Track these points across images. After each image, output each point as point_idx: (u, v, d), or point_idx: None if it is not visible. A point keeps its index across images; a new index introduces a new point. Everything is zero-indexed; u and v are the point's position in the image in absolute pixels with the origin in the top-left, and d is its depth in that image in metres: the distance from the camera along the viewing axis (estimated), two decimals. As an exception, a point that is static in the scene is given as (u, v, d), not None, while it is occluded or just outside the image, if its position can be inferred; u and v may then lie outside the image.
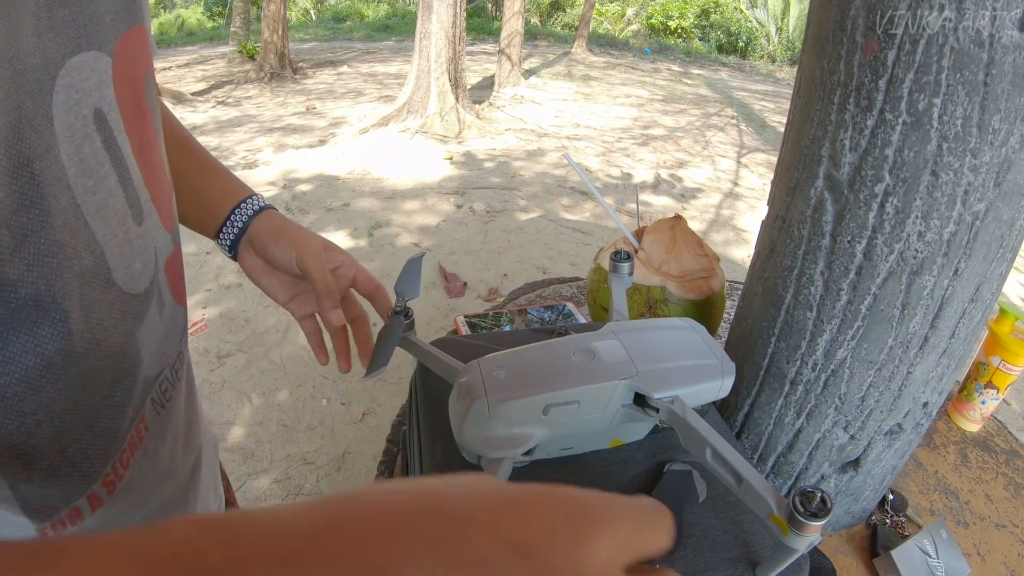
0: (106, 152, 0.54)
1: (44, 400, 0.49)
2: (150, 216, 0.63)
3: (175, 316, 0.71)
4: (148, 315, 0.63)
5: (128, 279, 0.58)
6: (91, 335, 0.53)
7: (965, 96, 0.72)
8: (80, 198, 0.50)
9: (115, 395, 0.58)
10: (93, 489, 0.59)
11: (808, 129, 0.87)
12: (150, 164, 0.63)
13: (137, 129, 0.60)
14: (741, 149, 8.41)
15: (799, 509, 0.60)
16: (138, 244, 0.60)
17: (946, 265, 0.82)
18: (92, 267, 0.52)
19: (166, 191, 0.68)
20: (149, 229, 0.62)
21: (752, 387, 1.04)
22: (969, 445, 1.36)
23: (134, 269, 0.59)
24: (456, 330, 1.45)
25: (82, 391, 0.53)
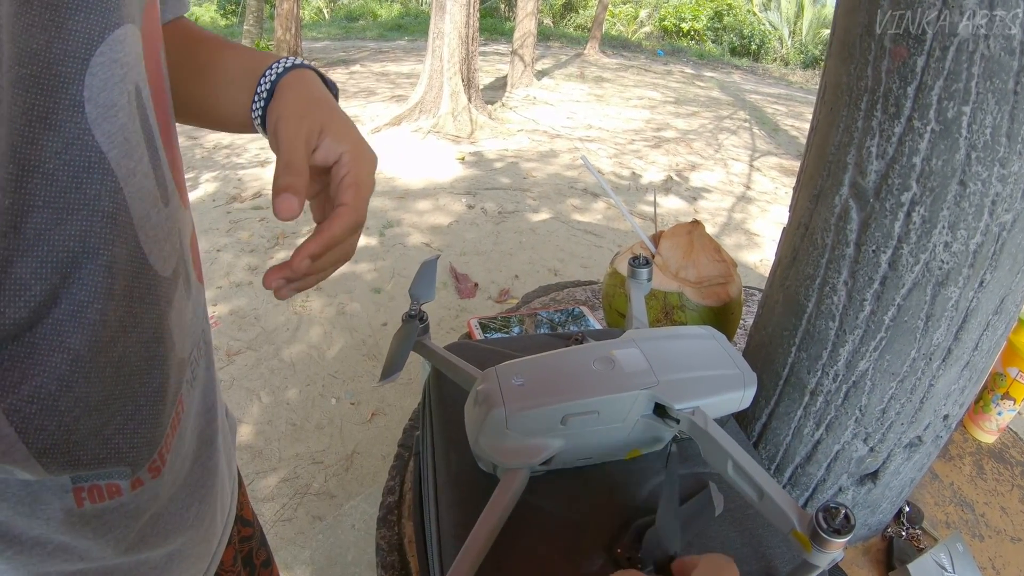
0: (142, 131, 0.54)
1: (79, 395, 0.49)
2: (174, 195, 0.63)
3: (199, 294, 0.72)
4: (176, 296, 0.62)
5: (160, 262, 0.58)
6: (120, 324, 0.52)
7: (995, 104, 0.70)
8: (123, 181, 0.50)
9: (152, 382, 0.58)
10: (139, 475, 0.59)
11: (833, 136, 0.85)
12: (170, 142, 0.64)
13: (162, 106, 0.60)
14: (753, 152, 8.39)
15: (822, 525, 0.59)
16: (166, 226, 0.59)
17: (972, 276, 0.80)
18: (127, 254, 0.51)
19: (181, 167, 0.69)
20: (173, 209, 0.62)
21: (771, 396, 1.03)
22: (985, 456, 1.34)
23: (164, 251, 0.59)
24: (469, 333, 1.44)
25: (115, 382, 0.53)
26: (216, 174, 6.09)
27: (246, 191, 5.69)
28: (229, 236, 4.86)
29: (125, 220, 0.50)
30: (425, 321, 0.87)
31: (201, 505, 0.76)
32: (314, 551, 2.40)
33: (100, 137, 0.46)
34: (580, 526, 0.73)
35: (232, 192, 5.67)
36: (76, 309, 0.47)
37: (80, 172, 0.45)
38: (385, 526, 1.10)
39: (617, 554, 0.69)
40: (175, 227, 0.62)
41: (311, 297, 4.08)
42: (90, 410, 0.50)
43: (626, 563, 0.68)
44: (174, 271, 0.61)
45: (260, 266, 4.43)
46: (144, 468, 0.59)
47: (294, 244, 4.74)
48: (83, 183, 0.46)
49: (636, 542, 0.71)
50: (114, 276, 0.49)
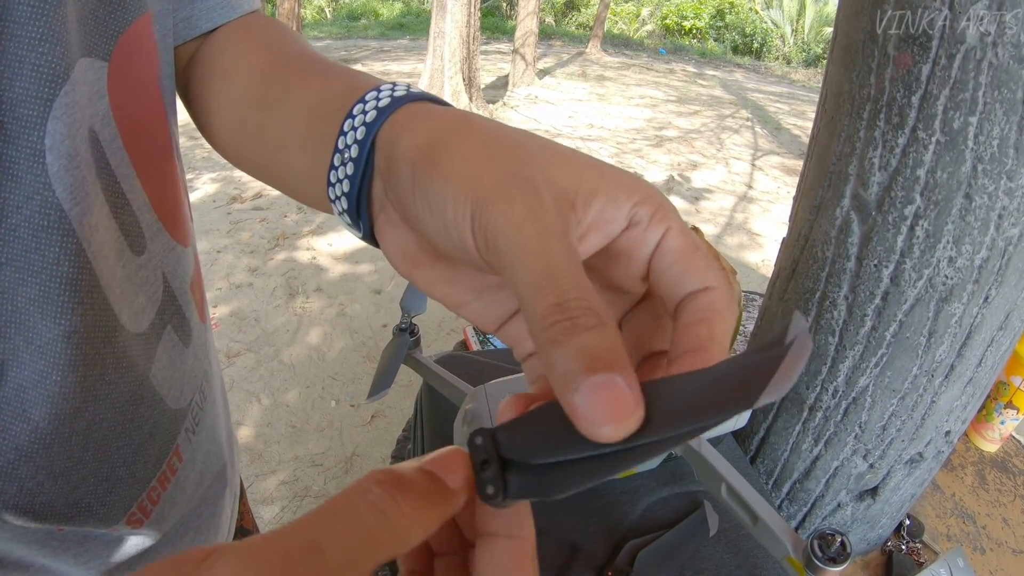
0: (99, 180, 0.46)
1: (40, 464, 0.45)
2: (156, 239, 0.56)
3: (201, 335, 0.66)
4: (161, 349, 0.57)
5: (133, 319, 0.52)
6: (87, 393, 0.47)
7: (1003, 115, 0.68)
8: (86, 241, 0.43)
9: (130, 444, 0.53)
10: (115, 527, 0.55)
11: (835, 145, 0.83)
12: (161, 178, 0.56)
13: (145, 140, 0.53)
14: (756, 152, 8.37)
15: (817, 553, 0.57)
16: (139, 276, 0.53)
17: (976, 292, 0.78)
18: (93, 321, 0.46)
19: (179, 202, 0.60)
20: (155, 254, 0.56)
21: (769, 411, 1.01)
22: (987, 466, 1.33)
23: (138, 305, 0.53)
24: (465, 340, 1.42)
25: (84, 449, 0.48)
26: (216, 175, 6.06)
27: (247, 192, 5.67)
28: (229, 237, 4.84)
29: (89, 284, 0.45)
30: (416, 334, 0.85)
31: (196, 535, 0.74)
32: (312, 555, 2.39)
33: (61, 192, 0.41)
34: (572, 547, 0.71)
35: (233, 193, 5.65)
36: (37, 379, 0.43)
37: (39, 231, 0.40)
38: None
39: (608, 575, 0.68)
40: (155, 274, 0.56)
41: (311, 299, 4.07)
42: (55, 476, 0.47)
43: None
44: (154, 323, 0.56)
45: (260, 267, 4.41)
46: (120, 522, 0.57)
47: (295, 245, 4.74)
48: (43, 243, 0.40)
49: (628, 563, 0.69)
50: (77, 346, 0.45)
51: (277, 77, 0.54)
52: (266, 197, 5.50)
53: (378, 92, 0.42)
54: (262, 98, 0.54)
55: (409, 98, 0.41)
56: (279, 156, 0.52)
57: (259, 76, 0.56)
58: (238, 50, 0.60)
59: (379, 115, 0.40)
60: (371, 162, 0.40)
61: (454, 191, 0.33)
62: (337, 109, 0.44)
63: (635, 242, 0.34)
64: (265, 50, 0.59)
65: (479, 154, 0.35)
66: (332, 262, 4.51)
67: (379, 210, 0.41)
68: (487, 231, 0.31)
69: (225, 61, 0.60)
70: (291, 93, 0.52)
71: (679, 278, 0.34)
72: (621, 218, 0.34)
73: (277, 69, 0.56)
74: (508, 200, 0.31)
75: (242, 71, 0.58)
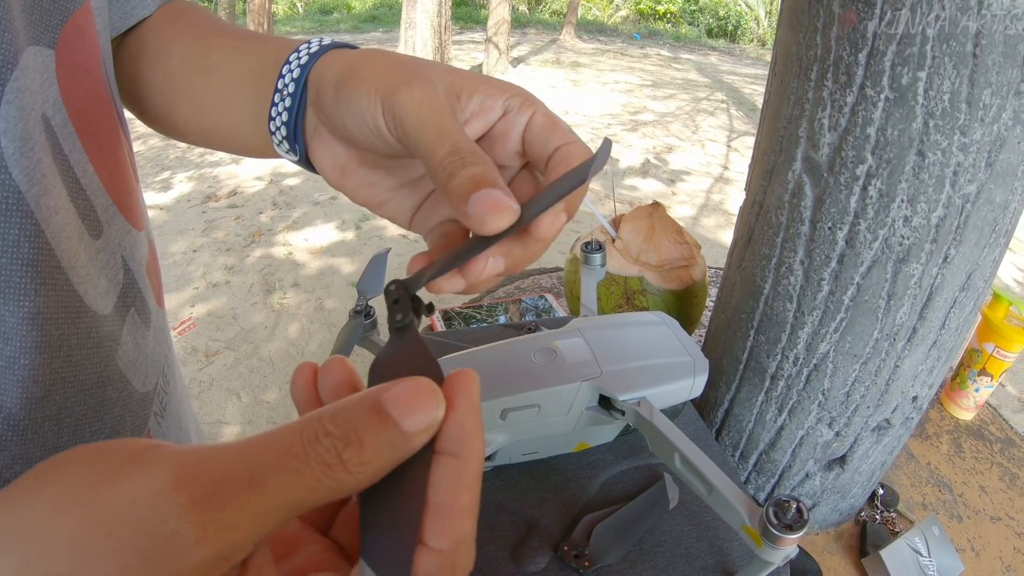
0: (56, 164, 0.48)
1: (16, 453, 0.45)
2: (113, 223, 0.57)
3: (160, 321, 0.67)
4: (126, 331, 0.57)
5: (98, 300, 0.53)
6: (55, 376, 0.48)
7: (953, 69, 0.67)
8: (44, 222, 0.45)
9: (103, 428, 0.54)
10: None
11: (784, 109, 0.82)
12: (112, 162, 0.57)
13: (94, 126, 0.54)
14: (731, 133, 8.38)
15: (773, 521, 0.55)
16: (99, 259, 0.54)
17: (935, 252, 0.77)
18: (57, 302, 0.47)
19: (131, 186, 0.62)
20: (112, 238, 0.56)
21: (732, 382, 1.00)
22: (963, 434, 1.32)
23: (101, 287, 0.54)
24: (431, 325, 1.41)
25: (57, 435, 0.49)
26: (191, 173, 6.02)
27: (221, 190, 5.64)
28: (205, 236, 4.81)
29: (50, 266, 0.46)
30: (372, 316, 0.84)
31: None
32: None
33: (18, 175, 0.42)
34: (528, 524, 0.70)
35: (207, 191, 5.61)
36: (5, 365, 0.43)
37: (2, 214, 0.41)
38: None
39: (563, 551, 0.66)
40: (114, 257, 0.57)
41: (288, 294, 4.05)
42: (31, 464, 0.46)
43: (573, 560, 0.66)
44: (117, 305, 0.57)
45: (237, 265, 4.38)
46: None
47: (271, 241, 4.72)
48: (1, 226, 0.41)
49: (585, 538, 0.68)
50: (42, 327, 0.45)
51: (215, 46, 0.61)
52: (241, 195, 5.47)
53: (309, 44, 0.52)
54: (202, 65, 0.61)
55: (335, 45, 0.52)
56: (223, 111, 0.59)
57: (198, 47, 0.62)
58: (170, 31, 0.65)
59: (310, 59, 0.50)
60: (304, 96, 0.50)
61: (367, 90, 0.43)
62: (274, 62, 0.53)
63: (510, 125, 0.46)
64: (198, 26, 0.65)
65: (386, 66, 0.45)
66: (308, 257, 4.49)
67: (311, 135, 0.51)
68: (395, 113, 0.42)
69: (159, 41, 0.65)
70: (231, 56, 0.59)
71: (544, 142, 0.45)
72: (498, 107, 0.46)
73: (213, 40, 0.62)
74: (409, 89, 0.42)
75: (178, 46, 0.63)
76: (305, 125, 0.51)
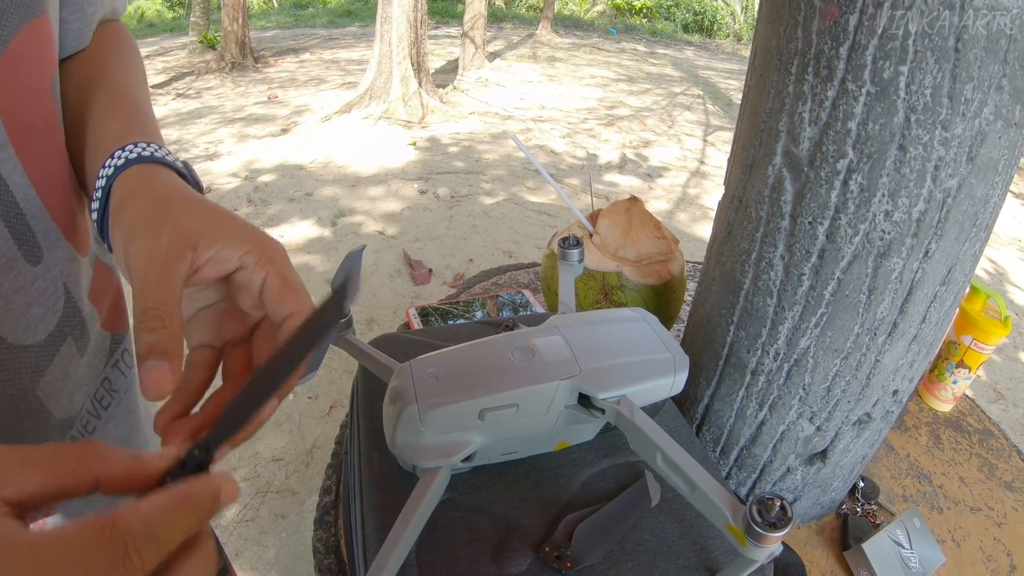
0: None
1: None
2: (55, 248, 0.55)
3: (100, 345, 0.65)
4: (54, 362, 0.56)
5: (24, 329, 0.52)
6: None
7: (935, 63, 0.67)
8: None
9: None
10: None
11: (764, 102, 0.81)
12: (55, 183, 0.56)
13: (36, 145, 0.52)
14: (708, 128, 8.40)
15: (756, 519, 0.55)
16: (34, 287, 0.53)
17: (915, 246, 0.77)
18: None
19: (77, 208, 0.60)
20: (54, 264, 0.55)
21: (712, 377, 0.99)
22: (942, 426, 1.33)
23: (31, 316, 0.52)
24: (408, 322, 1.40)
25: None
26: (164, 169, 5.98)
27: (195, 186, 5.60)
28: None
29: None
30: (348, 315, 0.83)
31: None
32: (278, 550, 2.36)
33: None
34: (509, 524, 0.69)
35: (181, 186, 5.57)
36: None
37: None
38: (322, 527, 1.05)
39: (545, 552, 0.66)
40: (54, 284, 0.56)
41: (263, 290, 4.02)
42: None
43: (554, 561, 0.65)
44: (53, 334, 0.56)
45: (210, 260, 4.35)
46: None
47: (244, 236, 4.67)
48: None
49: (566, 539, 0.67)
50: None
51: (95, 105, 0.62)
52: (216, 191, 5.43)
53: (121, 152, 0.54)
54: (81, 113, 0.61)
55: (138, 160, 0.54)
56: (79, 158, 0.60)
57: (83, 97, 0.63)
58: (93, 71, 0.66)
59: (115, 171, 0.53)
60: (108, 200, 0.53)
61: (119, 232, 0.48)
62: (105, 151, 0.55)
63: (247, 280, 0.50)
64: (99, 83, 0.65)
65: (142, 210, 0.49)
66: (284, 253, 4.45)
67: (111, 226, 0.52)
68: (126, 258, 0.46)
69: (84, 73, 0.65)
70: (95, 121, 0.60)
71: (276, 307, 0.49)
72: (233, 260, 0.49)
73: (96, 99, 0.63)
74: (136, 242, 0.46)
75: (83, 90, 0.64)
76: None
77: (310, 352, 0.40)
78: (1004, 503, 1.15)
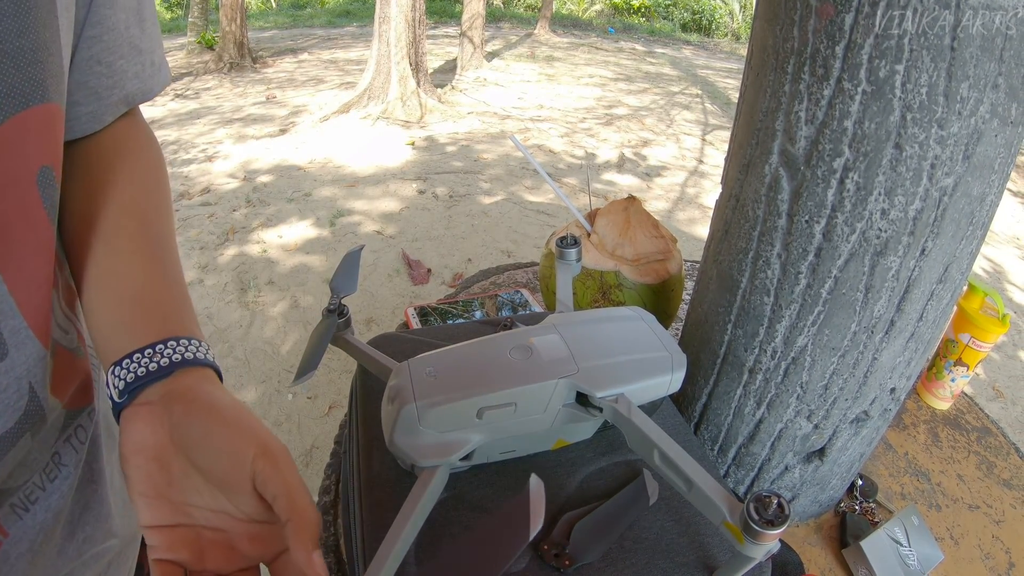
0: None
1: None
2: (24, 346, 0.54)
3: (55, 423, 0.63)
4: (9, 455, 0.55)
5: None
6: None
7: (930, 62, 0.67)
8: None
9: None
10: None
11: (761, 102, 0.81)
12: (34, 282, 0.54)
13: (13, 241, 0.50)
14: (706, 127, 8.41)
15: (754, 516, 0.55)
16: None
17: (912, 245, 0.77)
18: None
19: (45, 304, 0.57)
20: (20, 362, 0.53)
21: (709, 376, 0.99)
22: (939, 424, 1.33)
23: None
24: (407, 322, 1.40)
25: None
26: (163, 170, 5.98)
27: (193, 187, 5.59)
28: (178, 234, 4.75)
29: None
30: (346, 315, 0.83)
31: None
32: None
33: None
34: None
35: (180, 189, 5.56)
36: None
37: None
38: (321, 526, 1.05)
39: (543, 550, 0.66)
40: (17, 382, 0.54)
41: (263, 292, 4.02)
42: None
43: (553, 559, 0.65)
44: (11, 431, 0.54)
45: (210, 264, 4.35)
46: None
47: (245, 239, 4.68)
48: None
49: (564, 537, 0.67)
50: None
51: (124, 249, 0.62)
52: (214, 192, 5.44)
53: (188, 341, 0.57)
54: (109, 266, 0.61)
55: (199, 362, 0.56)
56: (97, 297, 0.60)
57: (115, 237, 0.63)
58: (107, 178, 0.66)
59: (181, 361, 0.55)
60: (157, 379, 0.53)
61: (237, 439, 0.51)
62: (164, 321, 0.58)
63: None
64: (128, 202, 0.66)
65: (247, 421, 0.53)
66: (283, 254, 4.46)
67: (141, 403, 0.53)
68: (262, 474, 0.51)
69: (96, 175, 0.65)
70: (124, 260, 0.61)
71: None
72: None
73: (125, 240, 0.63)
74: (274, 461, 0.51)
75: (105, 209, 0.63)
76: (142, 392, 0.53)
77: None
78: (1002, 501, 1.15)
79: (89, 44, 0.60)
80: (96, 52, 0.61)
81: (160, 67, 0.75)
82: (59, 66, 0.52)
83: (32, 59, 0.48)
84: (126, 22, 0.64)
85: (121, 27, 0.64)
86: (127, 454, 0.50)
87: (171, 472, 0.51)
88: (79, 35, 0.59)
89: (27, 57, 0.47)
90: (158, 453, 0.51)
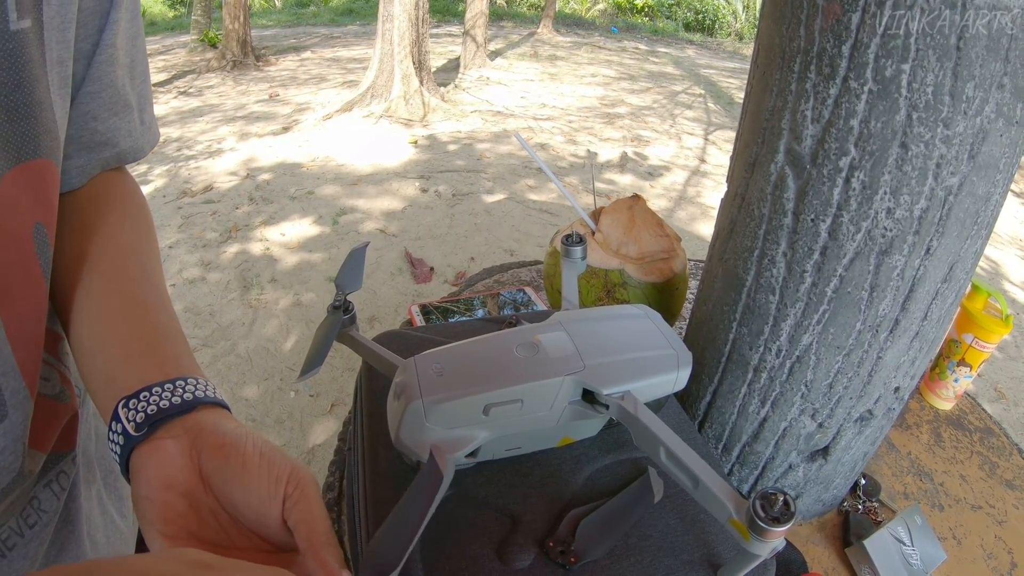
0: None
1: None
2: (22, 406, 0.53)
3: (31, 471, 0.61)
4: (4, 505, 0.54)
5: None
6: None
7: (936, 61, 0.67)
8: None
9: None
10: None
11: (767, 100, 0.81)
12: (29, 340, 0.53)
13: (16, 299, 0.50)
14: (708, 126, 8.40)
15: (760, 514, 0.55)
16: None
17: (917, 244, 0.77)
18: None
19: (38, 362, 0.57)
20: (16, 423, 0.53)
21: (714, 374, 0.99)
22: (943, 424, 1.33)
23: None
24: (411, 319, 1.40)
25: None
26: (166, 168, 5.96)
27: (196, 185, 5.59)
28: (181, 232, 4.76)
29: None
30: (351, 312, 0.83)
31: None
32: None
33: None
34: (513, 520, 0.70)
35: (183, 187, 5.56)
36: None
37: None
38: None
39: (549, 547, 0.66)
40: (14, 444, 0.54)
41: (266, 290, 4.02)
42: None
43: (558, 556, 0.65)
44: (2, 490, 0.54)
45: (213, 261, 4.35)
46: None
47: (248, 237, 4.68)
48: None
49: (570, 534, 0.67)
50: None
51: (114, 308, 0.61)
52: (217, 189, 5.44)
53: (199, 381, 0.56)
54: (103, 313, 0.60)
55: (214, 402, 0.56)
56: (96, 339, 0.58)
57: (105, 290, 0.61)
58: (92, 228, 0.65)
59: (197, 400, 0.54)
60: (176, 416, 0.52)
61: (268, 480, 0.50)
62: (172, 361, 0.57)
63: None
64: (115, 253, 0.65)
65: (274, 458, 0.51)
66: (285, 252, 4.46)
67: (161, 438, 0.51)
68: (294, 510, 0.50)
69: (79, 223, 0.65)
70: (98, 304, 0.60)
71: None
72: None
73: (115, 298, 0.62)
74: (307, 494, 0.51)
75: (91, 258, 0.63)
76: (162, 426, 0.52)
77: None
78: (1005, 501, 1.15)
79: (87, 100, 0.61)
80: (93, 108, 0.62)
81: (150, 125, 0.75)
82: (52, 121, 0.52)
83: (26, 113, 0.48)
84: (123, 79, 0.65)
85: (119, 84, 0.64)
86: (150, 493, 0.48)
87: (200, 511, 0.50)
88: (77, 89, 0.59)
89: (21, 111, 0.48)
90: (187, 490, 0.50)
